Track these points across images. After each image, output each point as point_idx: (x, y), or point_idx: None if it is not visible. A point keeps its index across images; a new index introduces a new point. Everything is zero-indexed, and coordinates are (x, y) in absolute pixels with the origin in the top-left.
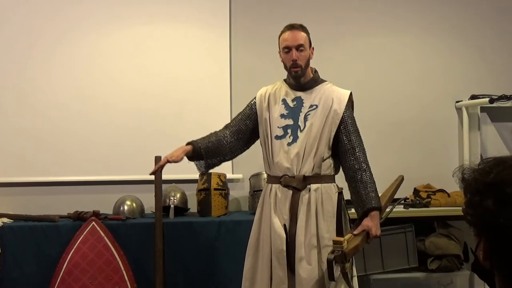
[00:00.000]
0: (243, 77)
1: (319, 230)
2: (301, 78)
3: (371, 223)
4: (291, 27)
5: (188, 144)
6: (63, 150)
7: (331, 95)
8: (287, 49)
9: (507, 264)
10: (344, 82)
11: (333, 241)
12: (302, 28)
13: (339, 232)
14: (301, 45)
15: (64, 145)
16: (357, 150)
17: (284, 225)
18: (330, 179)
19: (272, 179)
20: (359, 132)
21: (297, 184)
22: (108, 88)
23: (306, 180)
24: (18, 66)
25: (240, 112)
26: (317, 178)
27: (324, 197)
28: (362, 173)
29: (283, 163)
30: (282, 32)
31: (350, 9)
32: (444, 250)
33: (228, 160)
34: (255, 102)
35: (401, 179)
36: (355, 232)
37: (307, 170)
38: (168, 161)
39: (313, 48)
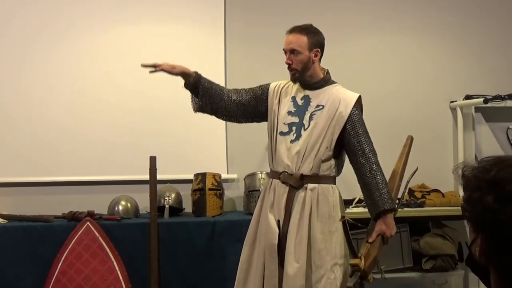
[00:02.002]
0: (237, 76)
1: (312, 230)
2: (301, 80)
3: (385, 226)
4: (291, 29)
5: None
6: (58, 150)
7: (339, 97)
8: (284, 52)
9: (504, 261)
10: (338, 82)
11: (351, 264)
12: (304, 31)
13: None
14: (293, 50)
15: (58, 145)
16: (367, 151)
17: (278, 221)
18: (329, 180)
19: (274, 173)
20: (368, 134)
21: (294, 182)
22: (103, 88)
23: (304, 179)
24: (16, 65)
25: (251, 88)
26: (315, 178)
27: (320, 197)
28: (374, 174)
29: (284, 160)
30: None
31: (345, 11)
32: (439, 250)
33: (218, 117)
34: (268, 88)
35: (410, 140)
36: (370, 240)
37: (305, 169)
38: (162, 69)
39: (317, 51)
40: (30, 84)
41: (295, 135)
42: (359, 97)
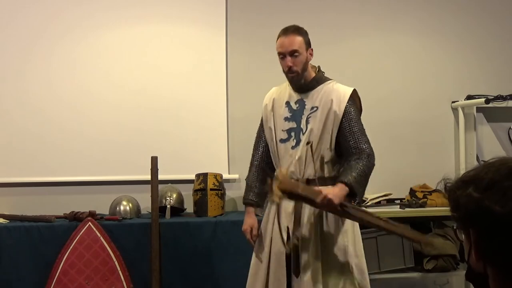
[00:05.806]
0: (239, 76)
1: (325, 231)
2: (300, 81)
3: (331, 189)
4: (285, 31)
5: (248, 205)
6: (59, 150)
7: (331, 95)
8: (281, 55)
9: (498, 254)
10: (340, 83)
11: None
12: (297, 31)
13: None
14: (295, 51)
15: (60, 145)
16: (365, 151)
17: (287, 227)
18: (336, 180)
19: None
20: (364, 130)
21: None
22: (105, 88)
23: (310, 184)
24: (16, 65)
25: (260, 133)
26: (322, 180)
27: None
28: (359, 161)
29: (288, 167)
30: (278, 36)
31: (346, 11)
32: (440, 250)
33: None
34: (262, 113)
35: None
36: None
37: (310, 173)
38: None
39: (311, 49)
40: (31, 84)
41: (295, 141)
42: (354, 91)
